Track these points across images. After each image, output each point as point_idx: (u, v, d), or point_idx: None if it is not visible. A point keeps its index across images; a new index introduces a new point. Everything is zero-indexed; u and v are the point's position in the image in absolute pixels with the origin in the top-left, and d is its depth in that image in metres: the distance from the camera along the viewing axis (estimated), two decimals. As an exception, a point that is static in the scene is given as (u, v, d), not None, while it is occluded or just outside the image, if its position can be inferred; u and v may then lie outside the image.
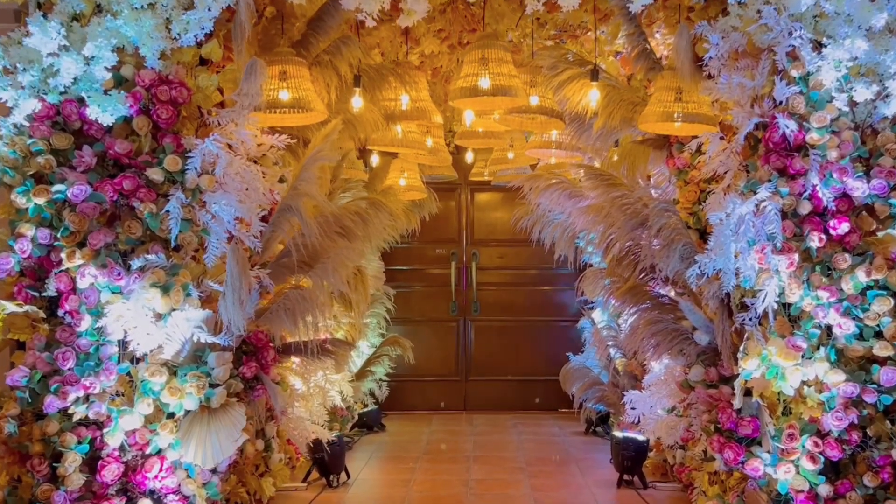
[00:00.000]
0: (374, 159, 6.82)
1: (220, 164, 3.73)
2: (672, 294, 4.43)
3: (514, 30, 4.85)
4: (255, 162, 4.18)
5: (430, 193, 7.24)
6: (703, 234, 4.48)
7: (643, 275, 4.33)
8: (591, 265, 7.27)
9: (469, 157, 7.23)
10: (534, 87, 4.52)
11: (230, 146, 3.84)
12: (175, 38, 3.73)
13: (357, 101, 4.12)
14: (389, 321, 7.53)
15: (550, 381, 7.75)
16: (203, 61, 3.97)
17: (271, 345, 4.07)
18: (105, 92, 3.68)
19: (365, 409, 7.19)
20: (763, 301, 3.69)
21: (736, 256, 3.77)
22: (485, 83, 3.97)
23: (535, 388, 8.35)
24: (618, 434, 5.30)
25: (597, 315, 7.15)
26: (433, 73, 5.75)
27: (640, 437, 5.15)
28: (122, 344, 3.69)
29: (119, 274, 3.64)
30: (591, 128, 4.68)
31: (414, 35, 4.82)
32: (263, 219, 3.97)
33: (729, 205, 3.77)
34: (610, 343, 6.33)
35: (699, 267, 3.78)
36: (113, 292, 3.66)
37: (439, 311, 8.50)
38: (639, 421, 4.98)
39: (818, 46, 3.76)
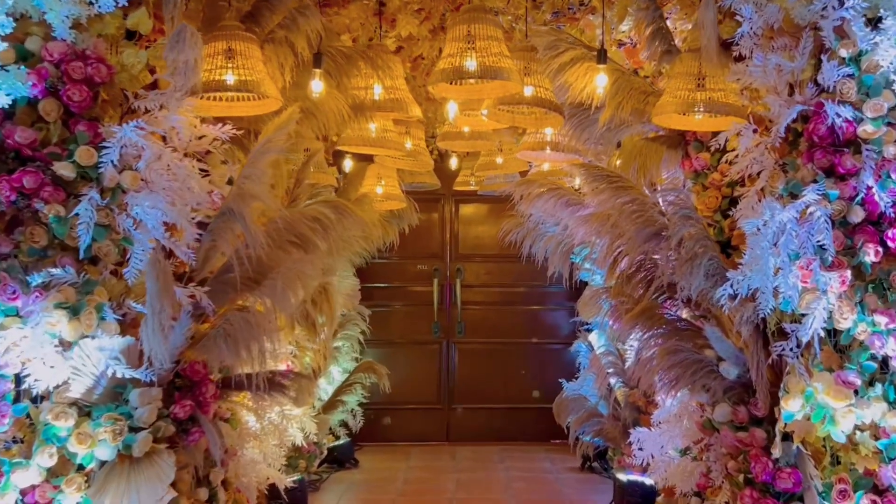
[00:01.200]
0: (348, 164, 6.15)
1: (144, 158, 3.03)
2: (686, 316, 3.76)
3: (505, 12, 4.20)
4: (200, 160, 3.49)
5: (410, 203, 6.58)
6: (725, 248, 3.81)
7: (658, 295, 3.66)
8: (587, 283, 6.64)
9: (453, 163, 6.56)
10: (528, 76, 3.86)
11: (162, 137, 3.15)
12: (91, 2, 3.04)
13: (317, 86, 3.44)
14: (364, 344, 6.81)
15: (542, 409, 7.08)
16: (130, 35, 3.28)
17: (211, 378, 3.36)
18: (2, 67, 2.98)
19: (336, 443, 6.46)
20: (809, 327, 3.03)
21: (775, 273, 3.11)
22: (471, 64, 3.30)
23: (524, 417, 7.65)
24: (622, 477, 4.62)
25: (594, 338, 6.48)
26: (413, 65, 5.08)
27: (648, 481, 4.47)
28: (19, 379, 2.98)
29: (14, 292, 2.92)
30: (594, 123, 4.02)
31: (389, 15, 4.16)
32: (202, 225, 3.27)
33: (766, 211, 3.11)
34: (610, 371, 5.65)
35: (731, 286, 3.11)
36: (7, 315, 2.94)
37: (420, 333, 7.80)
38: (647, 464, 4.30)
39: (873, 21, 3.12)
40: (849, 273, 3.06)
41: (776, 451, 3.14)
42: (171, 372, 3.27)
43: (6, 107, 2.96)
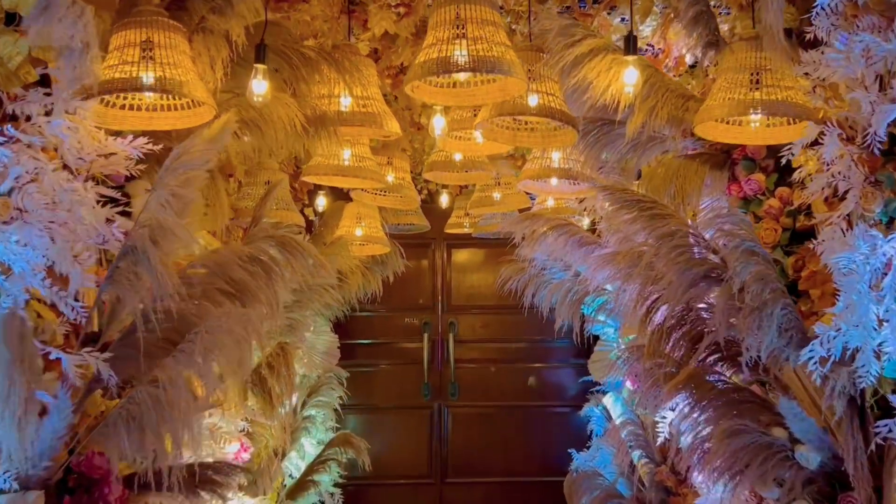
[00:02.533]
0: (321, 202, 5.33)
1: (10, 177, 2.21)
2: (743, 383, 2.90)
3: (505, 8, 3.44)
4: (121, 186, 2.68)
5: (394, 248, 5.75)
6: (790, 293, 2.97)
7: (709, 356, 2.81)
8: (599, 338, 5.79)
9: (444, 200, 5.75)
10: (534, 82, 3.07)
11: (42, 148, 2.33)
12: (-55, -31, 2.26)
13: (259, 86, 2.62)
14: (342, 410, 5.90)
15: (547, 483, 6.15)
16: (10, 19, 2.49)
17: (113, 476, 2.49)
18: None
19: (309, 531, 5.51)
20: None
21: (878, 326, 2.28)
22: (461, 56, 2.50)
23: (528, 493, 6.69)
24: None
25: (609, 402, 5.60)
26: (393, 81, 4.30)
27: (688, 587, 3.56)
28: None
29: None
30: (616, 139, 3.23)
31: (360, 14, 3.39)
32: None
33: (861, 242, 2.29)
34: (632, 444, 4.75)
35: (822, 344, 2.27)
36: None
37: (409, 396, 6.89)
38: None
39: None
40: (981, 326, 2.24)
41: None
42: (58, 468, 2.41)
43: None
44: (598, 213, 4.46)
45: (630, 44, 2.67)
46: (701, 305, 2.81)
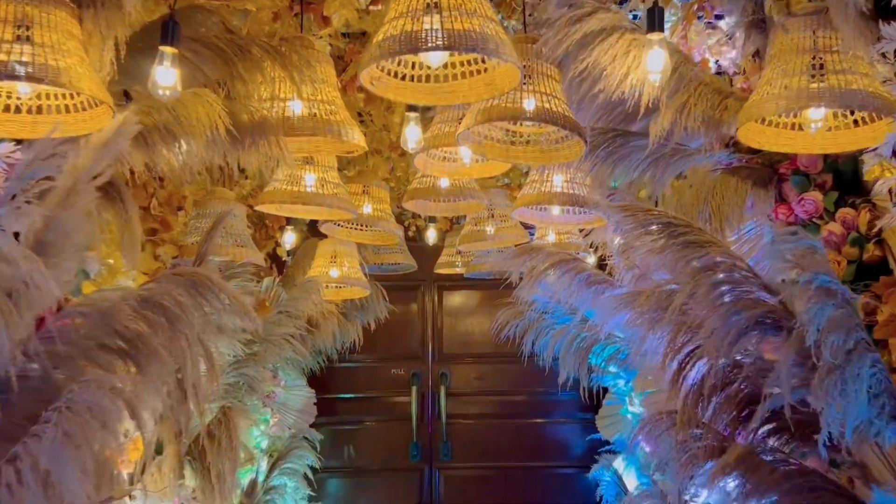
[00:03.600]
0: (289, 238, 4.70)
1: None
2: (813, 464, 2.22)
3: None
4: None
5: (376, 291, 5.12)
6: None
7: (763, 427, 2.14)
8: (609, 390, 5.11)
9: (431, 236, 5.11)
10: (530, 79, 2.45)
11: None
12: None
13: (165, 76, 1.99)
14: (319, 477, 5.18)
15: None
16: None
17: None
18: None
19: None
20: None
21: None
22: (433, 31, 1.88)
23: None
24: None
25: (620, 465, 4.91)
26: (367, 95, 3.70)
27: None
28: None
29: None
30: (632, 152, 2.60)
31: (318, 8, 2.78)
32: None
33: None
34: (652, 518, 4.05)
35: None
36: None
37: (396, 456, 6.17)
38: None
39: None
40: None
41: None
42: None
43: None
44: (609, 246, 3.83)
45: (655, 18, 2.05)
46: (752, 361, 2.15)
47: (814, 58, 2.04)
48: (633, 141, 2.60)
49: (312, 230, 4.74)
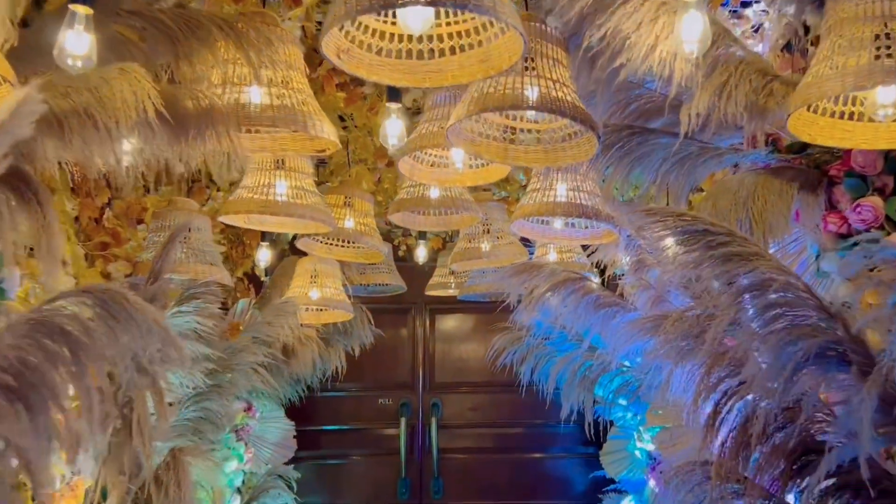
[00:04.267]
0: (264, 255, 4.28)
1: None
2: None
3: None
4: None
5: (360, 314, 4.71)
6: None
7: (822, 483, 1.72)
8: (614, 423, 4.69)
9: (421, 254, 4.70)
10: (533, 63, 2.06)
11: None
12: None
13: (75, 42, 1.58)
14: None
15: None
16: None
17: None
18: None
19: None
20: None
21: None
22: (412, -12, 1.49)
23: None
24: None
25: (629, 506, 4.48)
26: (348, 94, 3.31)
27: None
28: None
29: None
30: (654, 151, 2.20)
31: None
32: None
33: None
34: (668, 571, 3.60)
35: None
36: None
37: (383, 493, 5.76)
38: None
39: None
40: None
41: None
42: None
43: None
44: (618, 265, 3.43)
45: (689, -28, 1.66)
46: (809, 402, 1.74)
47: (882, 22, 1.66)
48: (654, 139, 2.21)
49: (296, 248, 4.33)
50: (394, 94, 2.28)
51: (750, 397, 1.79)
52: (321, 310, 4.34)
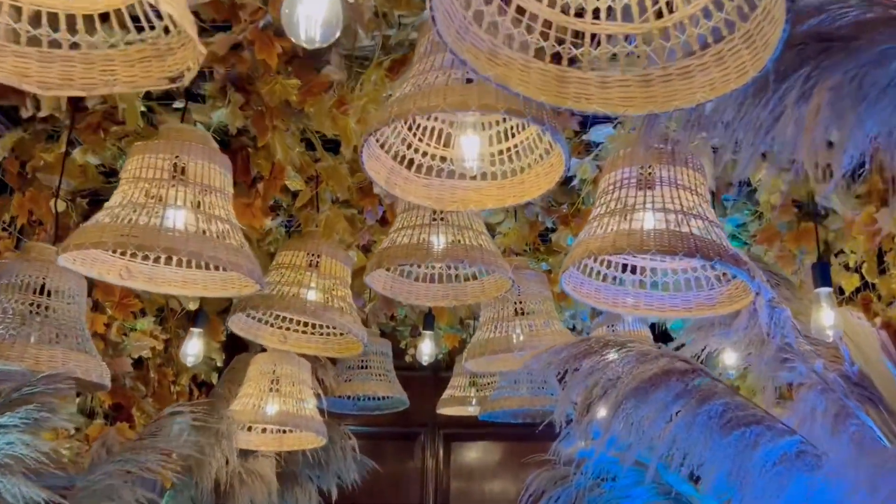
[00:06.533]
0: (192, 347, 3.04)
1: None
2: None
3: None
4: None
5: (340, 439, 3.42)
6: None
7: None
8: None
9: (425, 350, 3.40)
10: None
11: None
12: None
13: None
14: None
15: None
16: None
17: None
18: None
19: None
20: None
21: None
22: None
23: None
24: None
25: None
26: (338, 101, 2.16)
27: None
28: None
29: None
30: None
31: None
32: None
33: None
34: None
35: None
36: None
37: None
38: None
39: None
40: None
41: None
42: None
43: None
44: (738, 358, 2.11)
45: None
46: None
47: None
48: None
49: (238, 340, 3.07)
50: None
51: None
52: (283, 431, 3.07)
